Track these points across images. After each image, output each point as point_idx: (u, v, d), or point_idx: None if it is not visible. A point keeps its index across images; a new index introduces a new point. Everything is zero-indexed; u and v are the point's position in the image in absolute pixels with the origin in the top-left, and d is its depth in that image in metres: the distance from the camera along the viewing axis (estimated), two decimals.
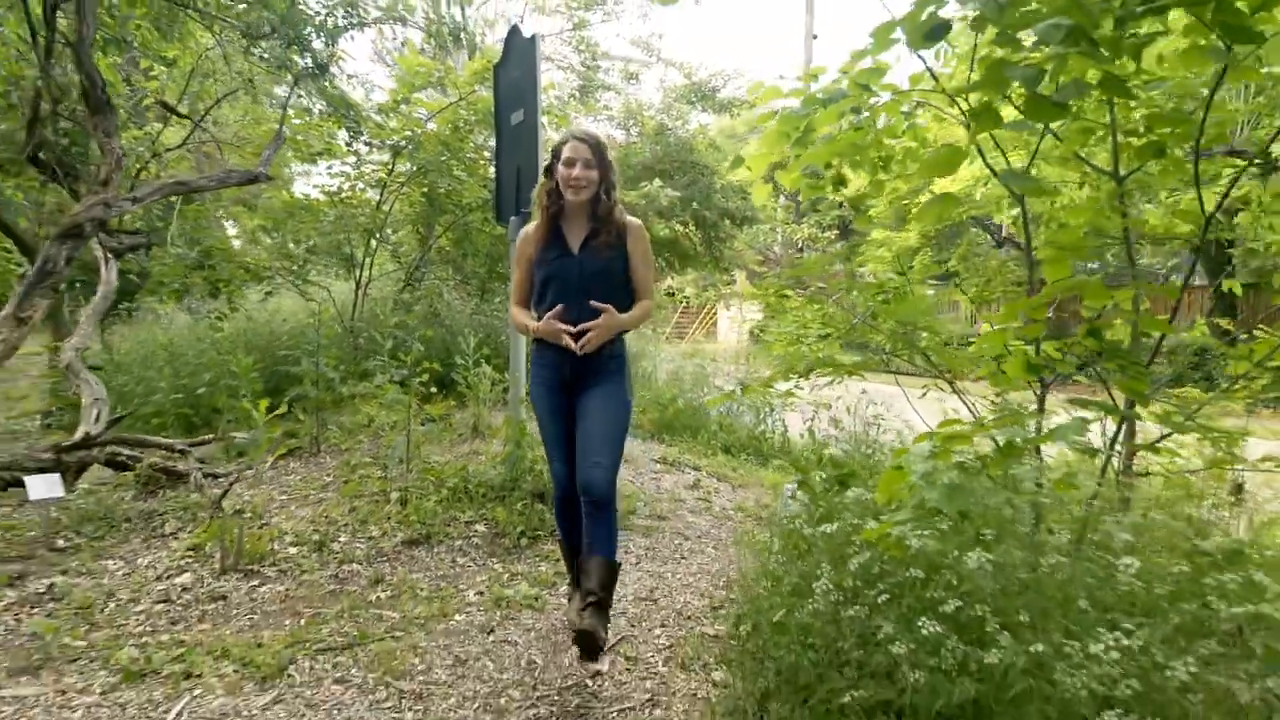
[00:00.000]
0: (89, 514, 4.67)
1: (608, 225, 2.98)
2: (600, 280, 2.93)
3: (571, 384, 3.01)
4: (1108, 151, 2.88)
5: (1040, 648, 1.66)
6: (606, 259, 2.96)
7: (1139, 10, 2.04)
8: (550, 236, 3.02)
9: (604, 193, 2.97)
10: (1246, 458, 2.84)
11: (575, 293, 2.90)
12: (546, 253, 3.00)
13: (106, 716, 2.53)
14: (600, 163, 2.96)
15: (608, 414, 2.96)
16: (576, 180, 2.91)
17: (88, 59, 4.91)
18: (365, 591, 3.54)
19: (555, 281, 2.95)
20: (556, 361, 3.00)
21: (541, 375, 3.07)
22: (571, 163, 2.92)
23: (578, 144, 2.94)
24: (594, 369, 2.97)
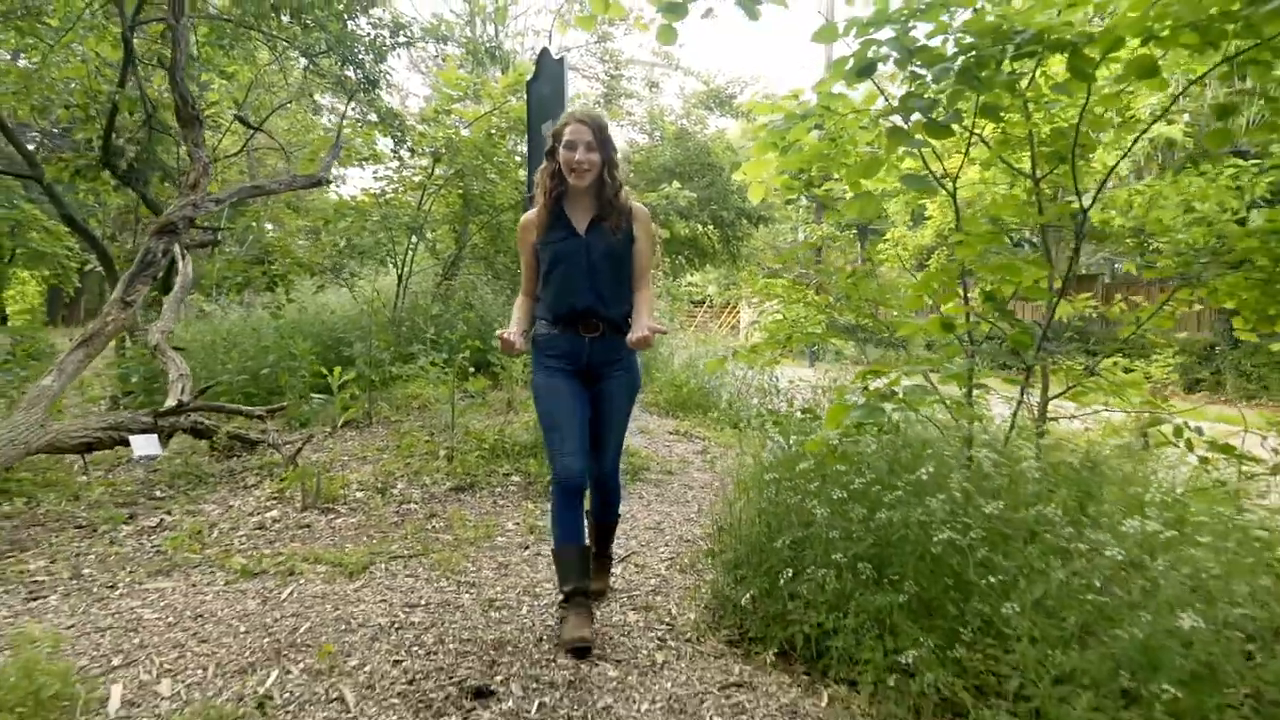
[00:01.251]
0: (178, 472, 5.46)
1: (615, 208, 2.97)
2: (607, 262, 2.93)
3: (589, 372, 3.01)
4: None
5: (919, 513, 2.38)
6: (614, 242, 2.94)
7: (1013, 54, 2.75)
8: (554, 219, 2.98)
9: (607, 175, 2.94)
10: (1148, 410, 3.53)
11: (583, 274, 2.91)
12: (551, 234, 2.96)
13: (231, 598, 3.29)
14: (602, 144, 2.92)
15: (625, 404, 3.07)
16: (579, 164, 2.87)
17: (181, 81, 5.73)
18: (423, 523, 4.29)
19: (563, 263, 2.92)
20: (573, 349, 2.98)
21: (554, 363, 3.00)
22: (573, 146, 2.88)
23: (579, 126, 2.90)
24: (612, 357, 3.00)
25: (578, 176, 2.89)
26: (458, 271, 10.24)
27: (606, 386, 3.01)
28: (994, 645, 2.19)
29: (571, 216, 2.99)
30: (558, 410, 2.93)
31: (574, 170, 2.88)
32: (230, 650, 2.72)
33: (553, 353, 2.99)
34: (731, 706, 2.40)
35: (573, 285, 2.92)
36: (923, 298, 3.26)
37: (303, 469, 4.85)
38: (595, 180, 2.93)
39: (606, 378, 3.01)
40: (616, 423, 3.06)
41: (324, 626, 2.91)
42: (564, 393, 2.95)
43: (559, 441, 2.88)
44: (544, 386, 3.00)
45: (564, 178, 2.94)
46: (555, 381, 2.97)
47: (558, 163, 2.93)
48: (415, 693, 2.43)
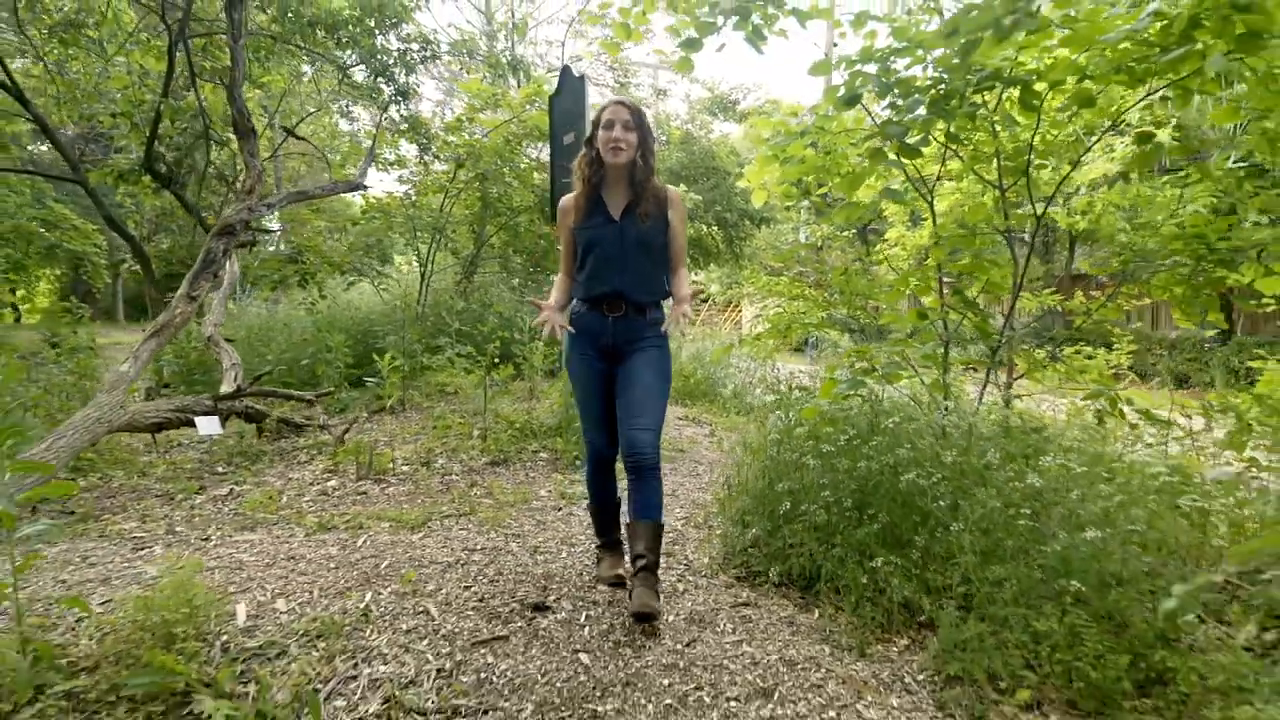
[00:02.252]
0: (234, 451, 6.04)
1: (648, 193, 3.03)
2: (641, 248, 3.01)
3: (613, 350, 3.09)
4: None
5: (889, 460, 2.95)
6: (647, 227, 3.01)
7: (974, 88, 3.32)
8: (591, 204, 3.07)
9: (641, 157, 3.01)
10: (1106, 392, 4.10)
11: (617, 259, 3.00)
12: (588, 220, 3.05)
13: (314, 546, 3.86)
14: (639, 127, 2.99)
15: (651, 378, 3.04)
16: (616, 141, 2.95)
17: (239, 97, 6.30)
18: (466, 490, 4.87)
19: (597, 248, 3.01)
20: (598, 328, 3.07)
21: (581, 342, 3.11)
22: (611, 125, 2.98)
23: (617, 108, 3.00)
24: (636, 335, 3.06)
25: (614, 154, 2.97)
26: (476, 270, 10.82)
27: (631, 362, 3.07)
28: (947, 561, 2.77)
29: (608, 202, 3.08)
30: (588, 390, 3.14)
31: (611, 147, 2.97)
32: (327, 580, 3.30)
33: (583, 336, 3.11)
34: (741, 618, 2.98)
35: (605, 269, 3.00)
36: (903, 291, 3.84)
37: (355, 445, 5.43)
38: (630, 163, 3.00)
39: (630, 354, 3.07)
40: (646, 396, 3.00)
41: (400, 564, 3.49)
42: (587, 371, 3.12)
43: (588, 422, 3.20)
44: (574, 366, 3.17)
45: (601, 164, 3.03)
46: (585, 360, 3.12)
47: (596, 149, 3.03)
48: (485, 608, 3.01)
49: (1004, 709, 2.35)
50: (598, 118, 3.06)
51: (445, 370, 7.63)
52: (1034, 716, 2.33)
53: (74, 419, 4.98)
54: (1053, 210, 4.93)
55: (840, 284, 4.64)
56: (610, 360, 3.12)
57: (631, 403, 3.01)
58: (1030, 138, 3.57)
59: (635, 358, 3.07)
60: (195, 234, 11.33)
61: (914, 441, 3.04)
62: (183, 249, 11.43)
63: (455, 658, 2.66)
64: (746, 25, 3.91)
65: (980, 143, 4.13)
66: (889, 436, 3.07)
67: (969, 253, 3.81)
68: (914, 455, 2.93)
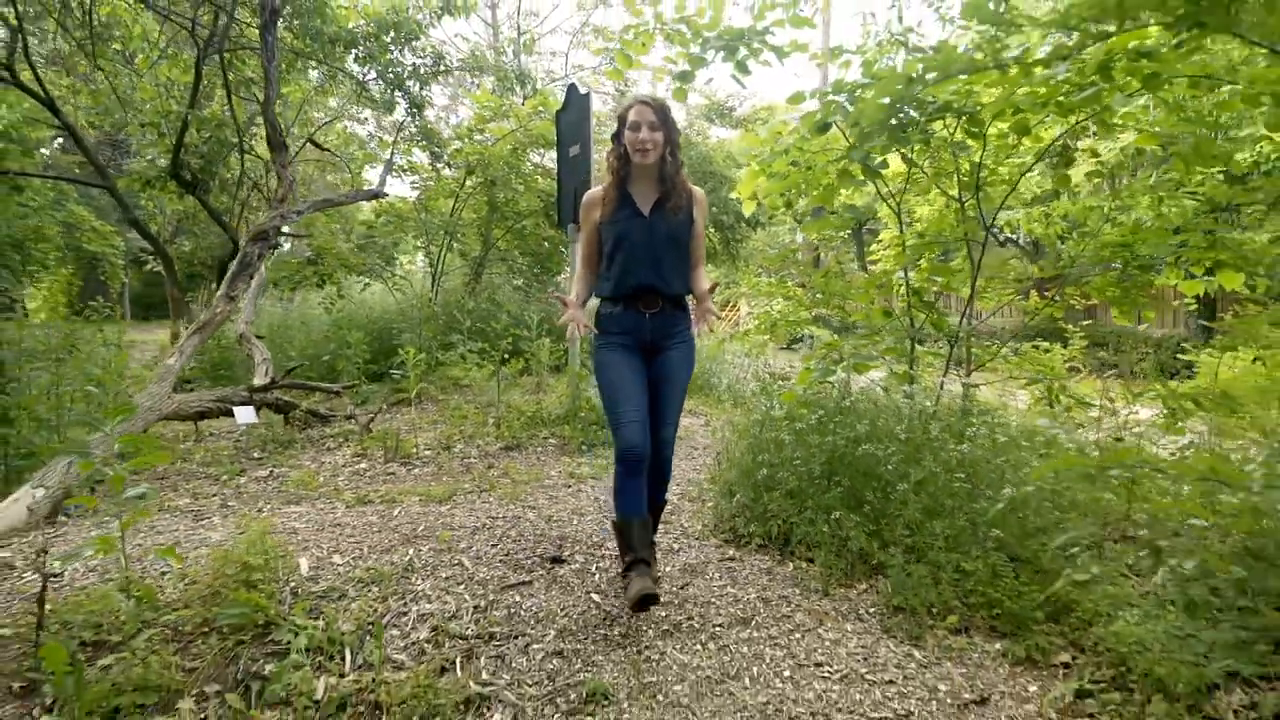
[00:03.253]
0: (266, 439, 6.58)
1: (677, 189, 3.07)
2: (669, 243, 3.03)
3: (650, 347, 3.12)
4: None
5: (852, 435, 3.50)
6: (676, 223, 3.05)
7: (927, 118, 3.86)
8: (619, 199, 3.08)
9: (669, 154, 3.04)
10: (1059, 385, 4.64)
11: (645, 253, 3.01)
12: (617, 214, 3.07)
13: (356, 515, 4.39)
14: (665, 125, 3.02)
15: (683, 380, 3.15)
16: (643, 143, 2.98)
17: (271, 113, 6.85)
18: (484, 471, 5.41)
19: (626, 242, 3.03)
20: (635, 325, 3.09)
21: (617, 339, 3.12)
22: (637, 126, 2.99)
23: (642, 107, 3.01)
24: (672, 330, 3.12)
25: (642, 155, 3.00)
26: (483, 271, 11.37)
27: (666, 359, 3.11)
28: (896, 518, 3.31)
29: (636, 197, 3.09)
30: (620, 386, 3.05)
31: (639, 149, 3.00)
32: (372, 541, 3.84)
33: (615, 330, 3.12)
34: (727, 569, 3.53)
35: (635, 263, 3.02)
36: (870, 293, 4.39)
37: (380, 432, 5.97)
38: (658, 160, 3.03)
39: (665, 350, 3.11)
40: (675, 394, 3.12)
41: (433, 528, 4.03)
42: (625, 368, 3.07)
43: (621, 416, 3.01)
44: (607, 363, 3.12)
45: (629, 160, 3.06)
46: (617, 357, 3.10)
47: (624, 145, 3.06)
48: (510, 560, 3.56)
49: (937, 631, 2.90)
50: (623, 115, 3.08)
51: (458, 365, 8.17)
52: (961, 637, 2.88)
53: None
54: (1016, 217, 5.49)
55: (821, 286, 5.18)
56: (646, 355, 3.14)
57: (667, 403, 3.09)
58: (979, 159, 4.12)
59: (670, 354, 3.11)
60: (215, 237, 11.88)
61: (873, 420, 3.58)
62: (203, 251, 11.97)
63: (488, 598, 3.21)
64: (733, 59, 4.45)
65: (945, 162, 4.67)
66: (852, 415, 3.62)
67: (929, 258, 4.35)
68: (872, 431, 3.48)
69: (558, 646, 2.88)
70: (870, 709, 2.51)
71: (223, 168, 10.35)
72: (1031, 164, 4.22)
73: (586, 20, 16.14)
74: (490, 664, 2.80)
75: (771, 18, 4.38)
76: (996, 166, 4.44)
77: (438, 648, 2.89)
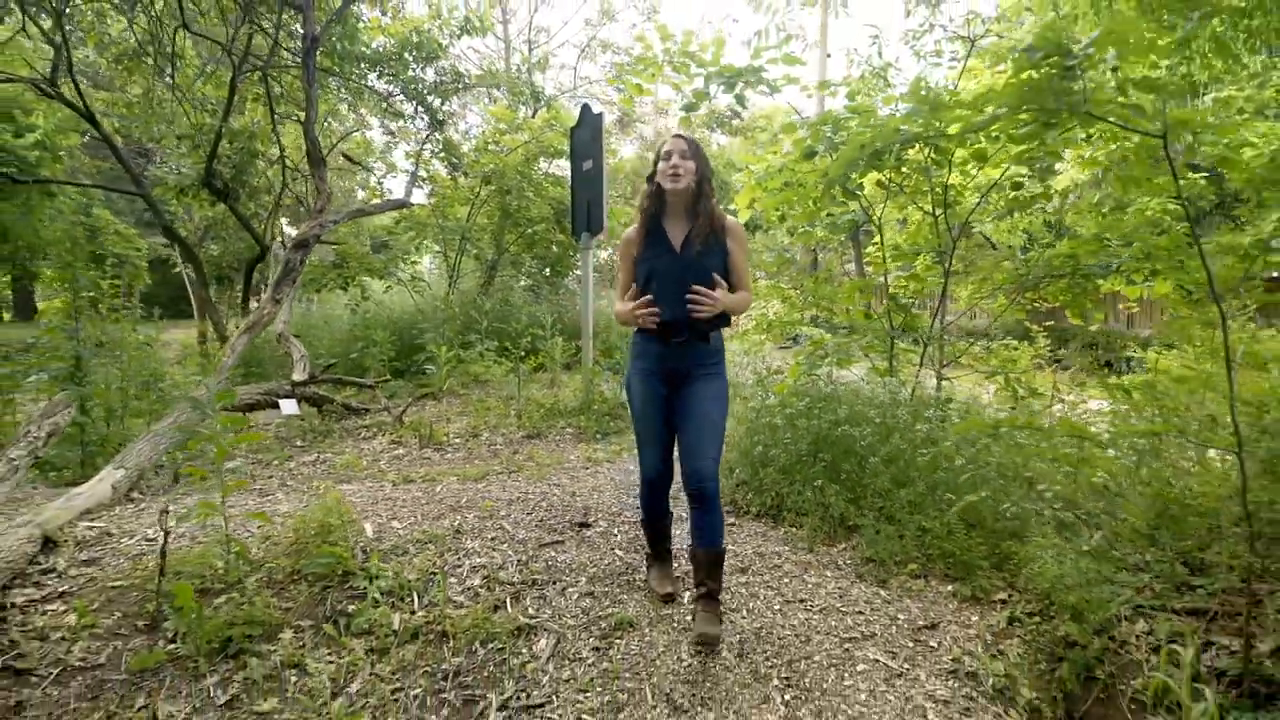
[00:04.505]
0: (305, 430, 7.20)
1: (708, 222, 3.08)
2: (701, 276, 3.00)
3: (675, 377, 3.14)
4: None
5: (833, 418, 4.13)
6: (707, 256, 3.05)
7: (900, 146, 4.48)
8: (652, 235, 3.13)
9: (699, 184, 3.07)
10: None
11: (676, 287, 3.00)
12: (649, 250, 3.12)
13: (403, 491, 5.01)
14: (697, 156, 3.08)
15: (713, 407, 3.09)
16: (675, 168, 3.02)
17: (311, 131, 7.47)
18: (510, 456, 6.04)
19: (658, 277, 3.06)
20: (661, 353, 3.13)
21: (644, 366, 3.18)
22: (669, 155, 3.06)
23: (675, 140, 3.10)
24: (698, 362, 3.12)
25: (674, 179, 3.04)
26: (496, 273, 12.01)
27: (695, 389, 3.11)
28: (869, 488, 3.95)
29: (669, 232, 3.14)
30: (647, 417, 3.18)
31: (670, 175, 3.05)
32: (423, 511, 4.47)
33: (644, 359, 3.19)
34: (728, 532, 4.16)
35: (666, 296, 3.03)
36: (853, 297, 5.02)
37: (413, 422, 6.60)
38: (689, 189, 3.07)
39: (693, 381, 3.12)
40: (708, 425, 3.07)
41: (474, 501, 4.66)
42: (653, 398, 3.16)
43: (644, 444, 3.22)
44: (635, 392, 3.22)
45: (662, 199, 3.13)
46: (645, 386, 3.18)
47: (657, 183, 3.11)
48: (543, 525, 4.19)
49: (900, 577, 3.54)
50: (657, 153, 3.17)
51: (478, 362, 8.80)
52: (920, 581, 3.52)
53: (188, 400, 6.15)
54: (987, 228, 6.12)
55: (812, 290, 5.81)
56: (671, 385, 3.16)
57: (693, 432, 3.07)
58: (945, 180, 4.75)
59: (697, 385, 3.11)
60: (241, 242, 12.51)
61: (851, 405, 4.22)
62: (231, 255, 12.61)
63: (528, 553, 3.84)
64: (732, 91, 5.08)
65: (920, 181, 5.30)
66: (834, 402, 4.25)
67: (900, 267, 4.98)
68: (850, 415, 4.11)
69: (589, 589, 3.52)
70: (843, 632, 3.15)
71: (252, 175, 10.99)
72: (989, 187, 4.85)
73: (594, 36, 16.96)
74: (534, 603, 3.43)
75: (766, 56, 5.01)
76: (964, 187, 5.06)
77: (490, 591, 3.52)
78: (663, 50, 5.56)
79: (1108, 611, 3.03)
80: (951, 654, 3.02)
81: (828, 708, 2.71)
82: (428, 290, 10.65)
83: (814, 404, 4.33)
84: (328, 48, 8.87)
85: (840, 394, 4.39)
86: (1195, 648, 2.69)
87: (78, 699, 2.87)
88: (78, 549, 4.04)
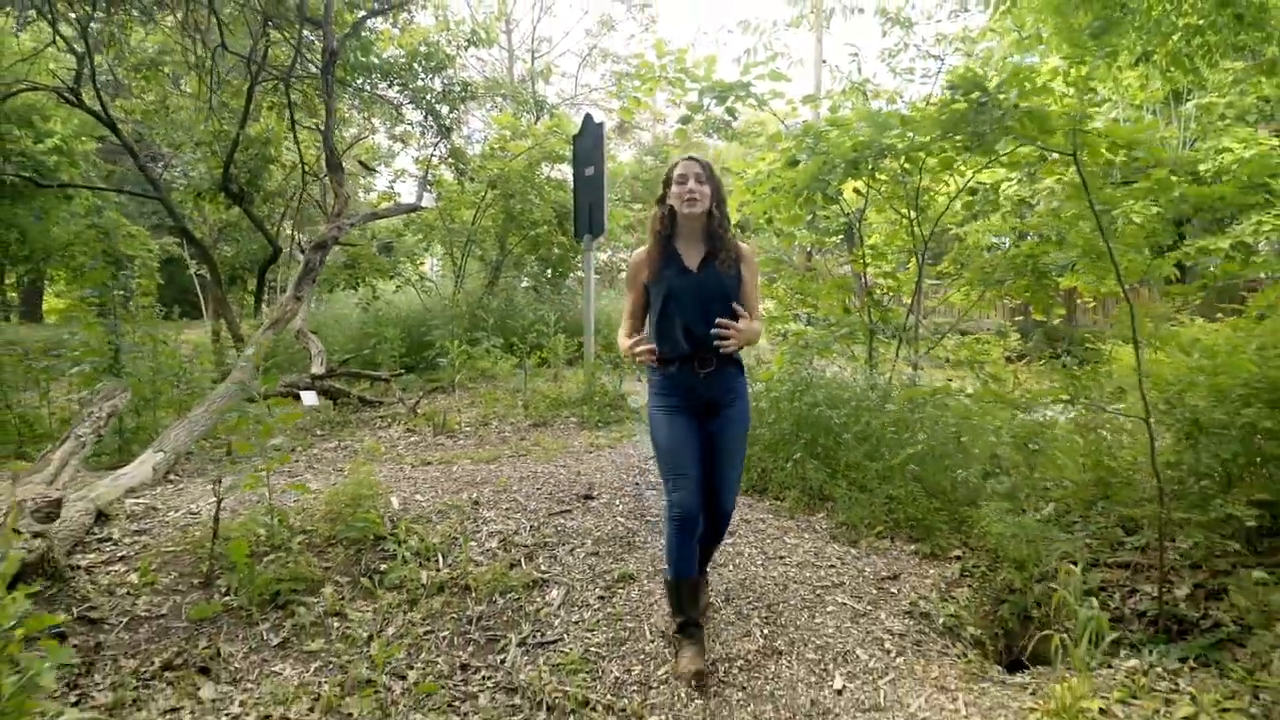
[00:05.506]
0: (322, 420, 7.65)
1: (724, 246, 3.03)
2: (718, 299, 2.93)
3: (703, 408, 3.06)
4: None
5: (812, 400, 4.61)
6: (724, 279, 2.99)
7: (875, 157, 4.96)
8: (665, 256, 3.06)
9: (715, 208, 3.01)
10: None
11: (696, 310, 2.95)
12: (664, 271, 3.04)
13: (422, 472, 5.45)
14: (711, 180, 3.02)
15: (741, 435, 3.13)
16: (691, 193, 2.96)
17: (330, 140, 7.93)
18: (519, 442, 6.50)
19: (675, 298, 2.99)
20: (688, 385, 3.03)
21: (669, 402, 3.07)
22: (684, 179, 2.99)
23: (689, 163, 3.01)
24: (728, 388, 3.07)
25: (691, 204, 2.98)
26: (500, 274, 12.49)
27: (723, 419, 3.06)
28: (843, 461, 4.42)
29: (683, 254, 3.07)
30: (674, 448, 3.01)
31: (686, 200, 2.98)
32: (443, 487, 4.93)
33: (669, 391, 3.07)
34: None
35: (688, 320, 2.97)
36: (833, 294, 5.49)
37: (426, 412, 7.07)
38: (705, 216, 3.01)
39: (723, 409, 3.07)
40: (734, 454, 3.09)
41: (488, 480, 5.12)
42: (680, 430, 3.02)
43: (675, 479, 2.97)
44: (660, 423, 3.07)
45: (674, 219, 3.06)
46: (672, 419, 3.05)
47: (669, 205, 3.04)
48: (553, 498, 4.66)
49: (869, 538, 4.02)
50: (669, 174, 3.09)
51: (485, 358, 9.27)
52: (885, 541, 4.00)
53: (219, 389, 6.62)
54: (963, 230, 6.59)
55: (798, 287, 6.27)
56: (702, 415, 3.08)
57: (723, 467, 3.06)
58: (917, 186, 5.23)
59: (729, 413, 3.08)
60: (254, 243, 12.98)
61: (829, 390, 4.69)
62: (244, 256, 13.08)
63: (539, 520, 4.31)
64: (724, 104, 5.56)
65: (896, 188, 5.77)
66: (814, 387, 4.72)
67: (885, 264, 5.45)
68: (828, 398, 4.58)
69: (594, 550, 3.99)
70: (816, 581, 3.62)
71: (266, 180, 11.45)
72: (957, 193, 5.33)
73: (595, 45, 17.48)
74: (546, 561, 3.90)
75: (754, 73, 5.48)
76: (937, 192, 5.54)
77: (506, 552, 3.98)
78: (659, 65, 6.03)
79: (1046, 565, 3.49)
80: (909, 599, 3.50)
81: (799, 639, 3.19)
82: (434, 290, 11.12)
83: (796, 389, 4.80)
84: (343, 60, 9.34)
85: (820, 380, 4.87)
86: (1083, 565, 3.16)
87: (148, 641, 3.31)
88: (128, 521, 4.48)
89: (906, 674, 2.96)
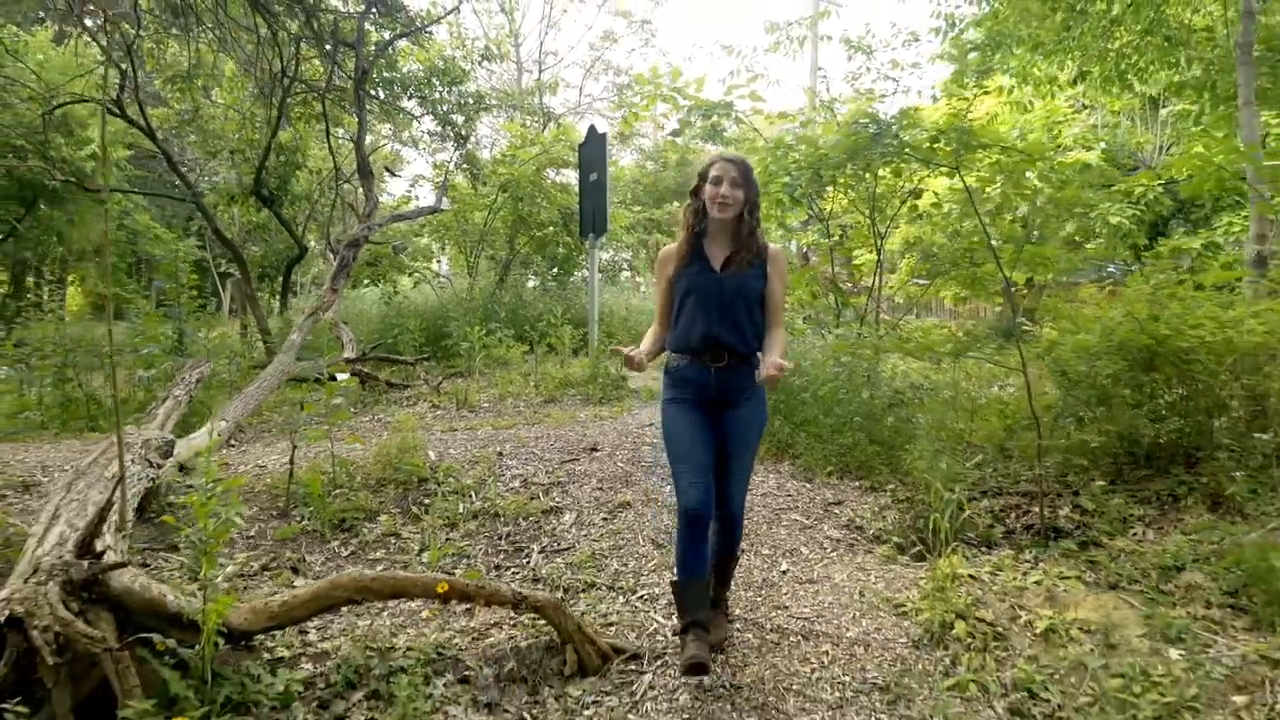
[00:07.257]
0: (355, 400, 8.56)
1: (750, 246, 3.01)
2: (739, 299, 2.96)
3: (717, 402, 3.05)
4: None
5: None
6: (747, 279, 2.99)
7: (838, 164, 5.89)
8: (692, 253, 3.05)
9: (747, 212, 2.99)
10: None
11: (715, 308, 2.96)
12: (688, 269, 3.04)
13: (450, 435, 6.36)
14: (746, 183, 2.97)
15: (752, 436, 3.10)
16: (724, 198, 2.93)
17: (362, 148, 8.86)
18: (532, 414, 7.42)
19: (694, 296, 2.99)
20: (701, 379, 3.02)
21: (682, 393, 3.07)
22: (719, 181, 2.95)
23: (726, 164, 2.97)
24: (740, 385, 3.03)
25: (721, 209, 2.96)
26: (509, 271, 13.44)
27: (733, 415, 3.05)
28: (804, 416, 5.34)
29: (709, 252, 3.06)
30: (683, 441, 3.00)
31: (718, 203, 2.95)
32: (471, 445, 5.84)
33: (681, 383, 3.07)
34: None
35: (704, 317, 2.97)
36: (803, 283, 6.41)
37: (450, 390, 7.99)
38: (736, 217, 2.99)
39: (733, 407, 3.05)
40: (742, 453, 3.07)
41: (508, 439, 6.03)
42: (690, 423, 3.02)
43: (683, 472, 2.95)
44: (671, 416, 3.07)
45: (706, 215, 3.03)
46: (682, 411, 3.05)
47: (702, 200, 3.02)
48: (564, 450, 5.59)
49: (822, 475, 4.94)
50: (705, 171, 3.06)
51: (499, 346, 10.19)
52: (835, 478, 4.93)
53: (268, 369, 7.56)
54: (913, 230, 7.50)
55: (793, 283, 7.14)
56: (713, 411, 3.07)
57: (732, 462, 3.05)
58: (873, 190, 6.15)
59: (739, 411, 3.06)
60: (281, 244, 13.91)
61: (797, 360, 5.60)
62: (272, 255, 14.02)
63: (553, 466, 5.24)
64: (709, 120, 6.48)
65: (861, 191, 6.68)
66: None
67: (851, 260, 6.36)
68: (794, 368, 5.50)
69: (599, 486, 4.92)
70: (775, 506, 4.55)
71: (294, 185, 12.38)
72: (906, 197, 6.26)
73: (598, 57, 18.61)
74: (558, 494, 4.83)
75: (736, 94, 6.41)
76: (892, 196, 6.47)
77: (527, 488, 4.91)
78: (654, 84, 6.95)
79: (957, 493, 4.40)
80: (848, 517, 4.43)
81: (759, 541, 4.12)
82: (448, 286, 12.07)
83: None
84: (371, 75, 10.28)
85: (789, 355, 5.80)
86: (989, 494, 4.04)
87: (241, 552, 4.22)
88: None
89: (836, 562, 3.89)
